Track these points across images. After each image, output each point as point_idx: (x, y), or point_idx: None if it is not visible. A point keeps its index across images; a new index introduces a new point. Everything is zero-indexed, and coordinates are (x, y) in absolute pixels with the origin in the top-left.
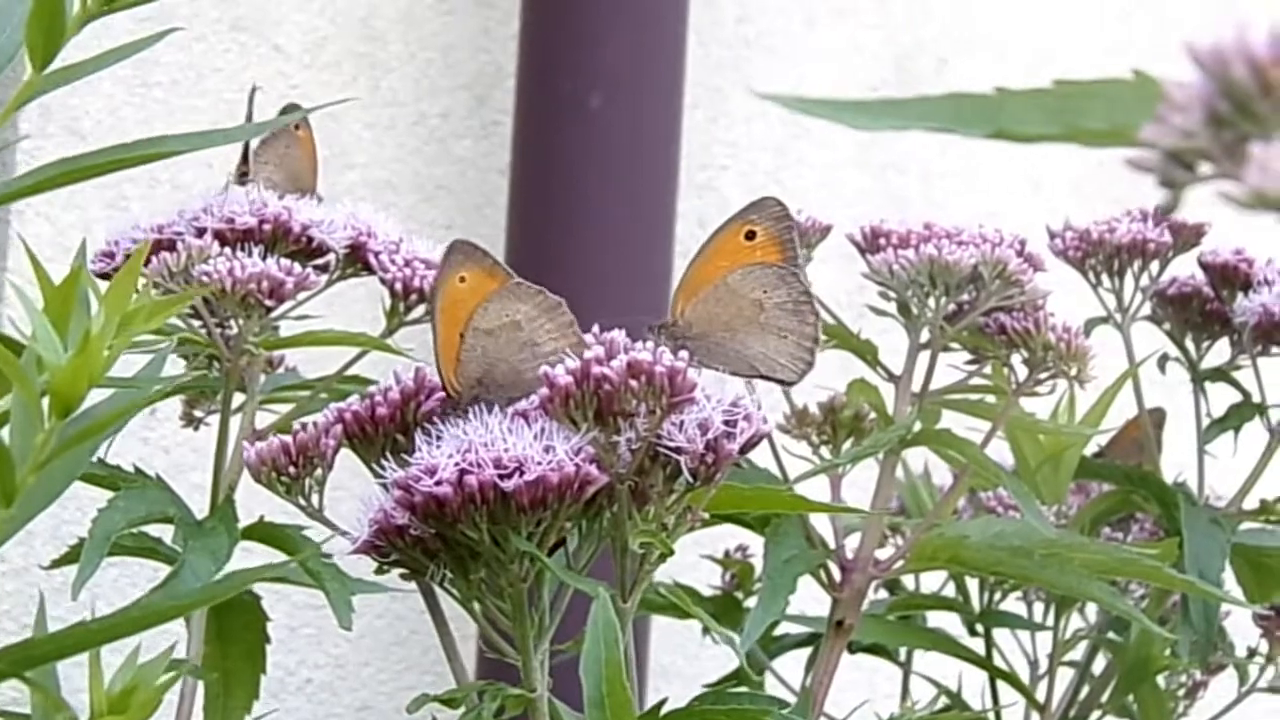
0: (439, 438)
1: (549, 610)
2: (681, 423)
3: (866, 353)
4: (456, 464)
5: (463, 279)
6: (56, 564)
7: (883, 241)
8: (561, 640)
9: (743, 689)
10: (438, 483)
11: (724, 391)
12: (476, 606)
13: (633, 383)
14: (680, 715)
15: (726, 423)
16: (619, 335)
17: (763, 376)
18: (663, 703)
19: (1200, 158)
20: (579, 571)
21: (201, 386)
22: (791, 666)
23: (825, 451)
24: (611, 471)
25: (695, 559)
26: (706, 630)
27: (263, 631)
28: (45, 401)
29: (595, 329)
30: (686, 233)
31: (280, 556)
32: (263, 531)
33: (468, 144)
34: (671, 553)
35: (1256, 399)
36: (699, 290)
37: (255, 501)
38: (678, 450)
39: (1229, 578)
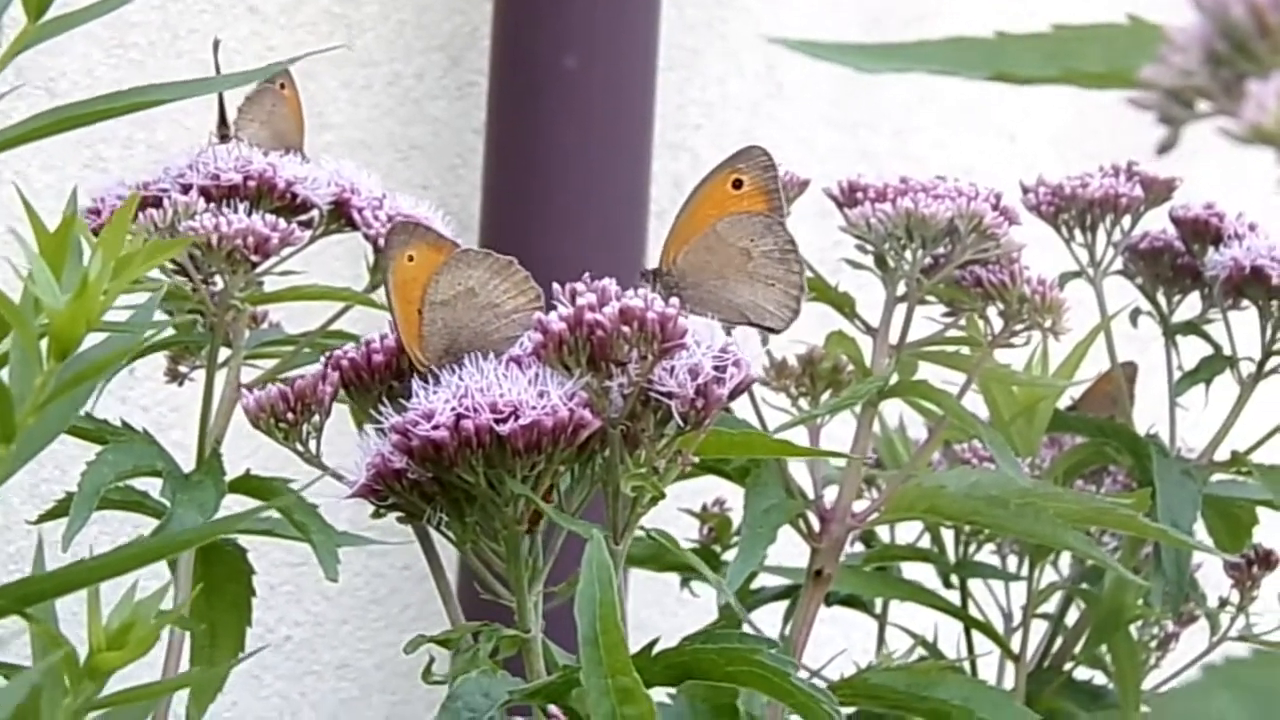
0: (435, 383)
1: (542, 552)
2: (673, 368)
3: (844, 305)
4: (453, 409)
5: (410, 258)
6: (43, 519)
7: (859, 196)
8: (554, 583)
9: (731, 633)
10: (435, 427)
11: (714, 338)
12: (471, 549)
13: (625, 329)
14: (672, 654)
15: (716, 368)
16: (610, 283)
17: (751, 324)
18: (654, 642)
19: (1199, 96)
20: (572, 514)
21: (188, 341)
22: (768, 620)
23: (804, 403)
24: (604, 416)
25: (674, 513)
26: (685, 583)
27: (248, 584)
28: (43, 344)
29: (586, 277)
30: (661, 192)
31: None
32: (249, 484)
33: (443, 104)
34: (663, 496)
35: (1227, 352)
36: (690, 238)
37: (240, 456)
38: (669, 395)
39: (1200, 528)
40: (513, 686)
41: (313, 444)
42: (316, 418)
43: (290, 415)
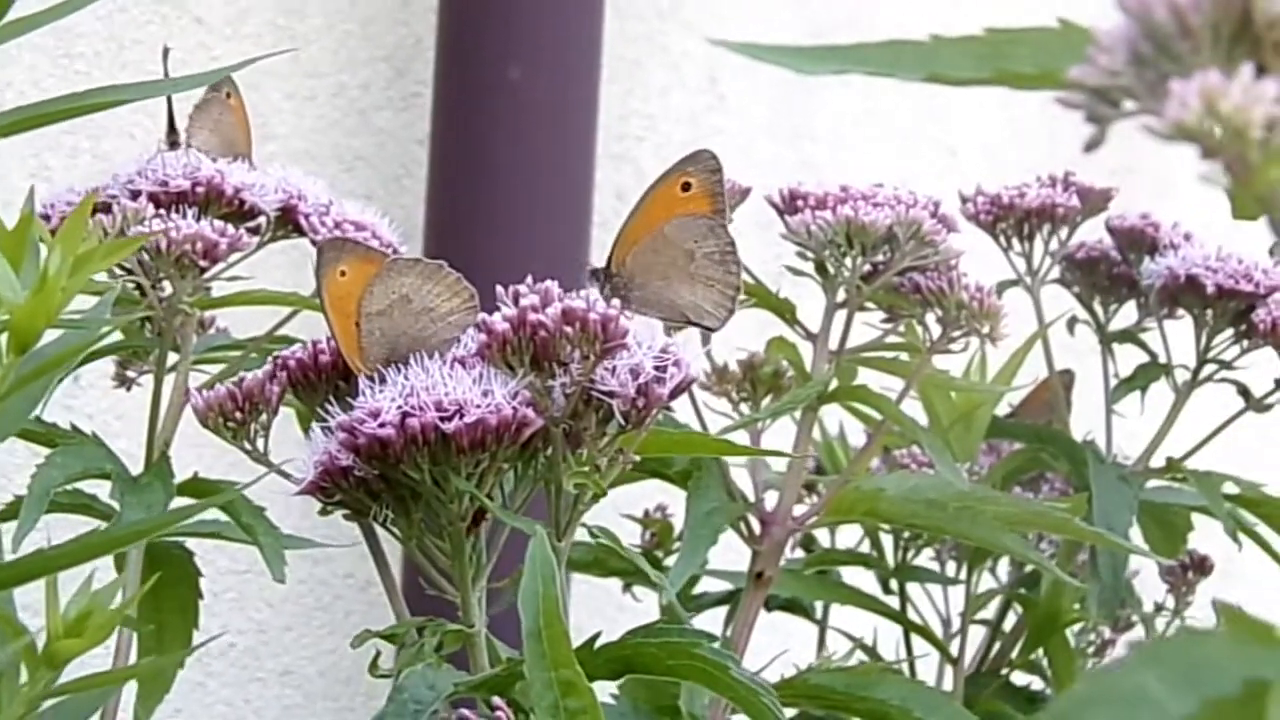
0: (382, 383)
1: (486, 549)
2: (614, 368)
3: (785, 311)
4: (399, 407)
5: (343, 273)
6: None
7: (800, 203)
8: (498, 579)
9: (672, 627)
10: (381, 425)
11: (655, 339)
12: (416, 545)
13: (567, 329)
14: (614, 648)
15: (657, 368)
16: (553, 285)
17: (690, 323)
18: (596, 636)
19: (1124, 95)
20: (515, 511)
21: (136, 346)
22: (709, 626)
23: (745, 408)
24: (547, 415)
25: (616, 519)
26: (626, 588)
27: (195, 586)
28: (3, 339)
29: (529, 280)
30: (604, 203)
31: (214, 514)
32: (196, 487)
33: (387, 115)
34: (604, 493)
35: (1163, 360)
36: (639, 239)
37: (186, 463)
38: (610, 394)
39: (1136, 534)
40: (458, 679)
41: (260, 443)
42: (264, 417)
43: (238, 414)
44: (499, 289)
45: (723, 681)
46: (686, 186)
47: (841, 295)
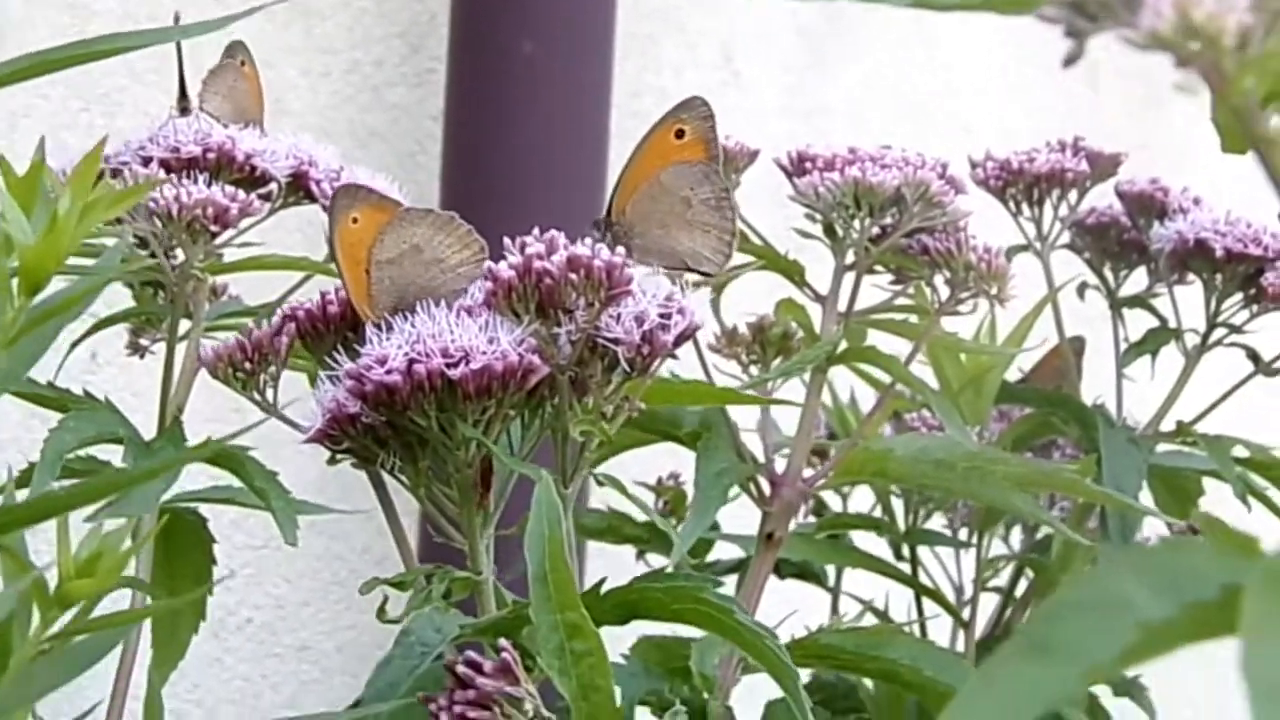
0: (389, 330)
1: (495, 497)
2: (619, 315)
3: (794, 273)
4: (405, 354)
5: (355, 220)
6: (4, 489)
7: (808, 165)
8: (506, 528)
9: (678, 574)
10: (388, 371)
11: (659, 286)
12: (424, 493)
13: (572, 276)
14: (620, 592)
15: (662, 315)
16: (558, 234)
17: (689, 269)
18: (603, 581)
19: (1101, 9)
20: (522, 459)
21: (148, 312)
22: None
23: (755, 370)
24: (553, 362)
25: (630, 488)
26: (640, 555)
27: (209, 553)
28: (14, 282)
29: (535, 230)
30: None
31: (228, 481)
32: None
33: (401, 91)
34: (610, 440)
35: (1173, 325)
36: (637, 188)
37: (201, 433)
38: (615, 341)
39: (1146, 498)
40: (464, 623)
41: (270, 394)
42: (274, 368)
43: (248, 365)
44: (505, 240)
45: (728, 625)
46: (680, 134)
47: (850, 257)
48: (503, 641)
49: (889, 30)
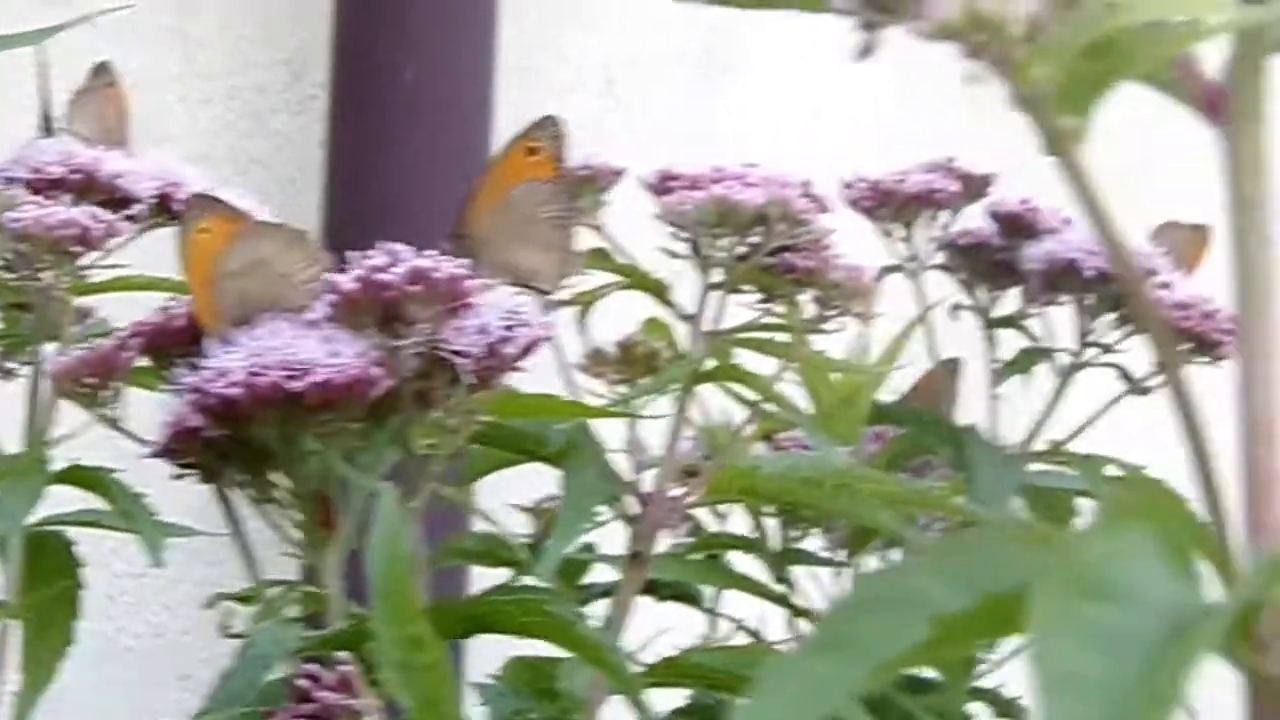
0: (232, 345)
1: (340, 512)
2: (462, 328)
3: (660, 292)
4: (247, 367)
5: (204, 230)
6: None
7: (672, 184)
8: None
9: (526, 585)
10: (229, 385)
11: (503, 299)
12: (269, 508)
13: (414, 289)
14: (466, 605)
15: (506, 328)
16: (402, 247)
17: (530, 287)
18: (449, 595)
19: (893, 1)
20: (369, 473)
21: (14, 335)
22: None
23: (622, 390)
24: (395, 375)
25: (506, 509)
26: (515, 578)
27: (75, 578)
28: None
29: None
30: None
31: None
32: (76, 475)
33: (284, 118)
34: (455, 454)
35: (1045, 345)
36: (489, 203)
37: (69, 452)
38: (458, 354)
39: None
40: (306, 635)
41: (114, 410)
42: (118, 384)
43: (92, 380)
44: (349, 253)
45: (572, 638)
46: (533, 151)
47: (716, 276)
48: (343, 655)
49: (775, 54)
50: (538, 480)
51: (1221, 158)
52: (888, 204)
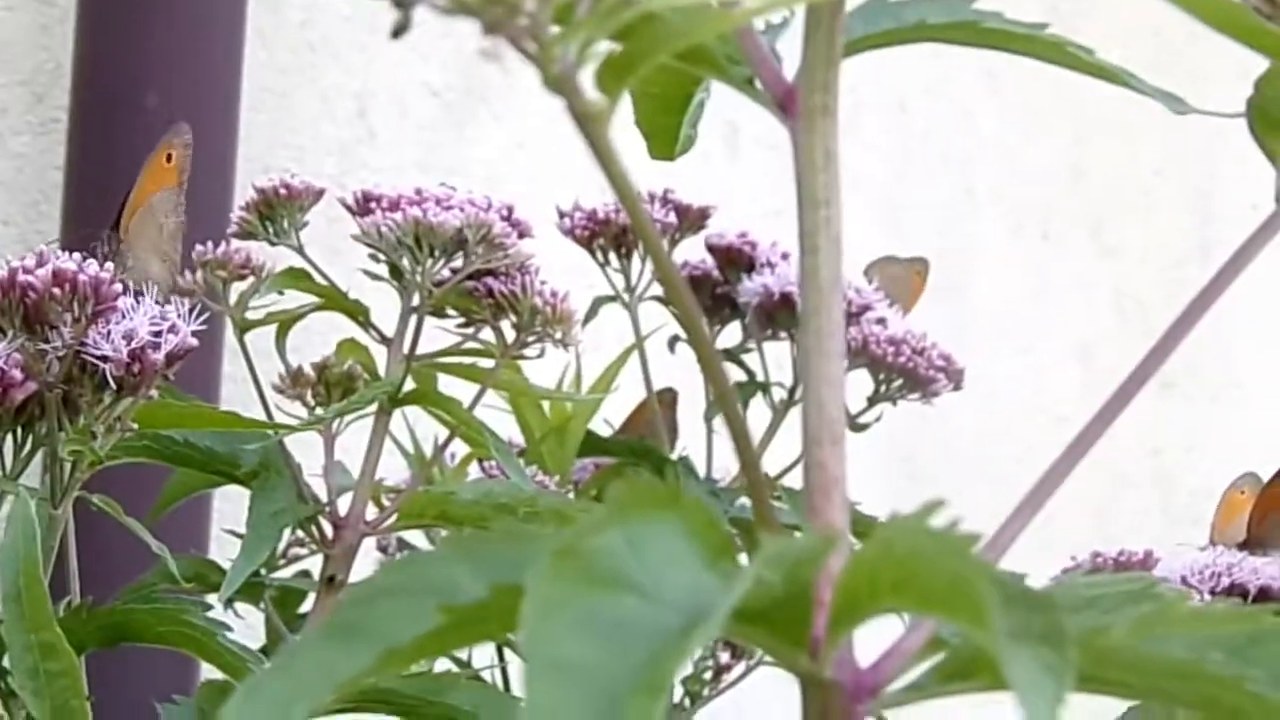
0: None
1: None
2: (109, 332)
3: (358, 314)
4: None
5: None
6: None
7: (373, 205)
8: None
9: (167, 593)
10: None
11: (152, 304)
12: None
13: (56, 290)
14: (104, 613)
15: (153, 333)
16: (49, 249)
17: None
18: (85, 601)
19: None
20: (12, 478)
21: None
22: None
23: (320, 412)
24: (40, 379)
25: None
26: (228, 605)
27: None
28: None
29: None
30: None
31: None
32: None
33: (25, 140)
34: (101, 461)
35: (762, 379)
36: (135, 206)
37: None
38: (104, 359)
39: None
40: None
41: None
42: None
43: None
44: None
45: (210, 648)
46: (169, 158)
47: (415, 299)
48: None
49: (528, 90)
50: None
51: (793, 154)
52: (603, 233)
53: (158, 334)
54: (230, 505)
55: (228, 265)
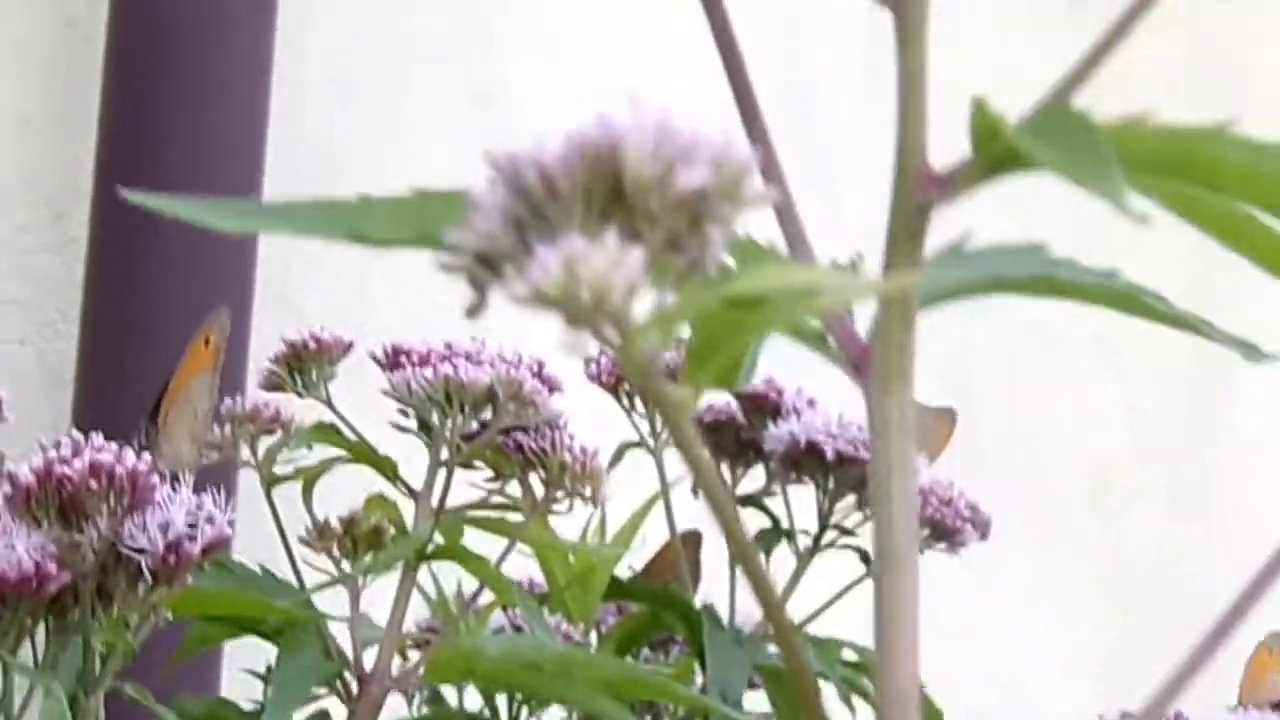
0: None
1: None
2: (144, 523)
3: (387, 468)
4: None
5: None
6: None
7: (403, 359)
8: None
9: None
10: None
11: (188, 494)
12: None
13: (93, 483)
14: None
15: (189, 525)
16: (82, 437)
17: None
18: None
19: (502, 260)
20: (46, 669)
21: None
22: None
23: (346, 566)
24: (74, 570)
25: (238, 674)
26: None
27: None
28: None
29: (71, 431)
30: (263, 347)
31: None
32: None
33: (44, 259)
34: (135, 652)
35: (786, 525)
36: (175, 393)
37: None
38: (139, 550)
39: (761, 699)
40: None
41: None
42: None
43: None
44: (40, 439)
45: None
46: (208, 343)
47: (444, 453)
48: None
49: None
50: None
51: (866, 415)
52: (627, 379)
53: (193, 525)
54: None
55: (256, 420)
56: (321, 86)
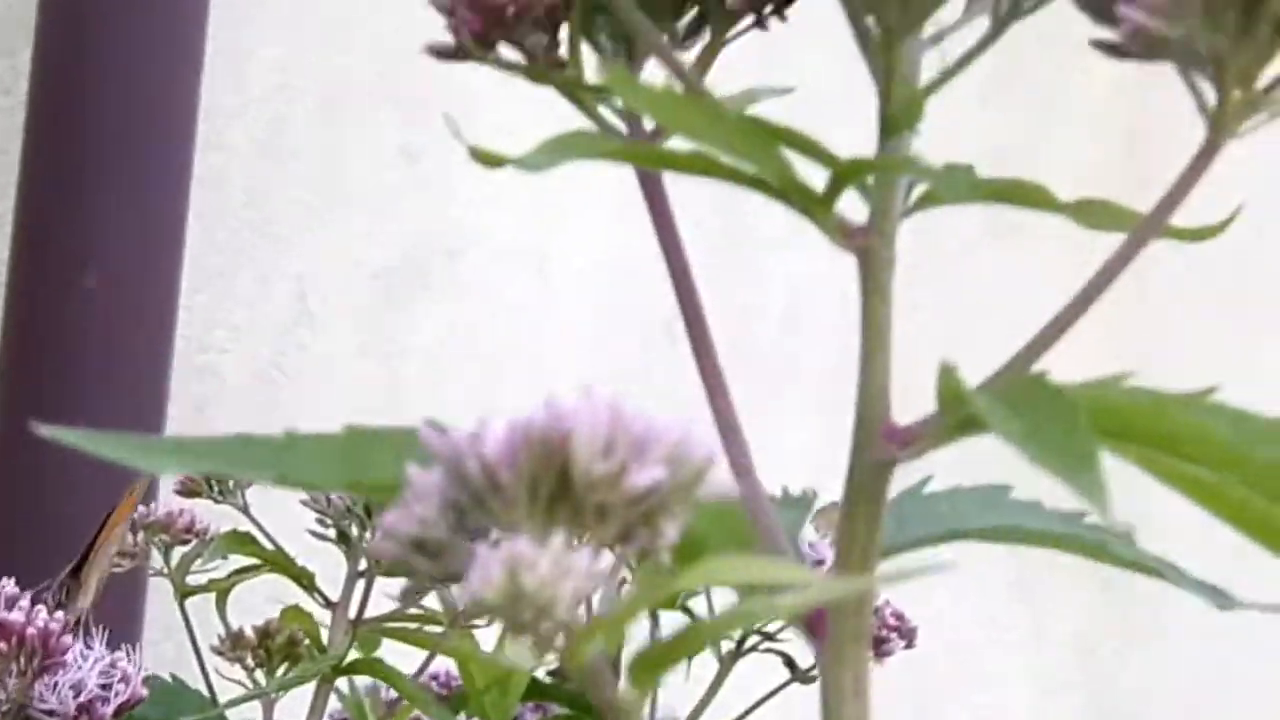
0: None
1: None
2: (56, 684)
3: (303, 579)
4: None
5: None
6: None
7: None
8: None
9: None
10: None
11: (102, 653)
12: None
13: (2, 645)
14: None
15: (102, 686)
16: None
17: None
18: None
19: (440, 548)
20: None
21: None
22: None
23: (260, 676)
24: None
25: None
26: None
27: None
28: None
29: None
30: (181, 414)
31: None
32: None
33: None
34: None
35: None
36: (98, 551)
37: None
38: (50, 713)
39: None
40: None
41: None
42: None
43: None
44: None
45: None
46: (131, 495)
47: (362, 564)
48: None
49: (472, 276)
50: None
51: (820, 681)
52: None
53: (106, 686)
54: None
55: (171, 529)
56: (247, 145)
